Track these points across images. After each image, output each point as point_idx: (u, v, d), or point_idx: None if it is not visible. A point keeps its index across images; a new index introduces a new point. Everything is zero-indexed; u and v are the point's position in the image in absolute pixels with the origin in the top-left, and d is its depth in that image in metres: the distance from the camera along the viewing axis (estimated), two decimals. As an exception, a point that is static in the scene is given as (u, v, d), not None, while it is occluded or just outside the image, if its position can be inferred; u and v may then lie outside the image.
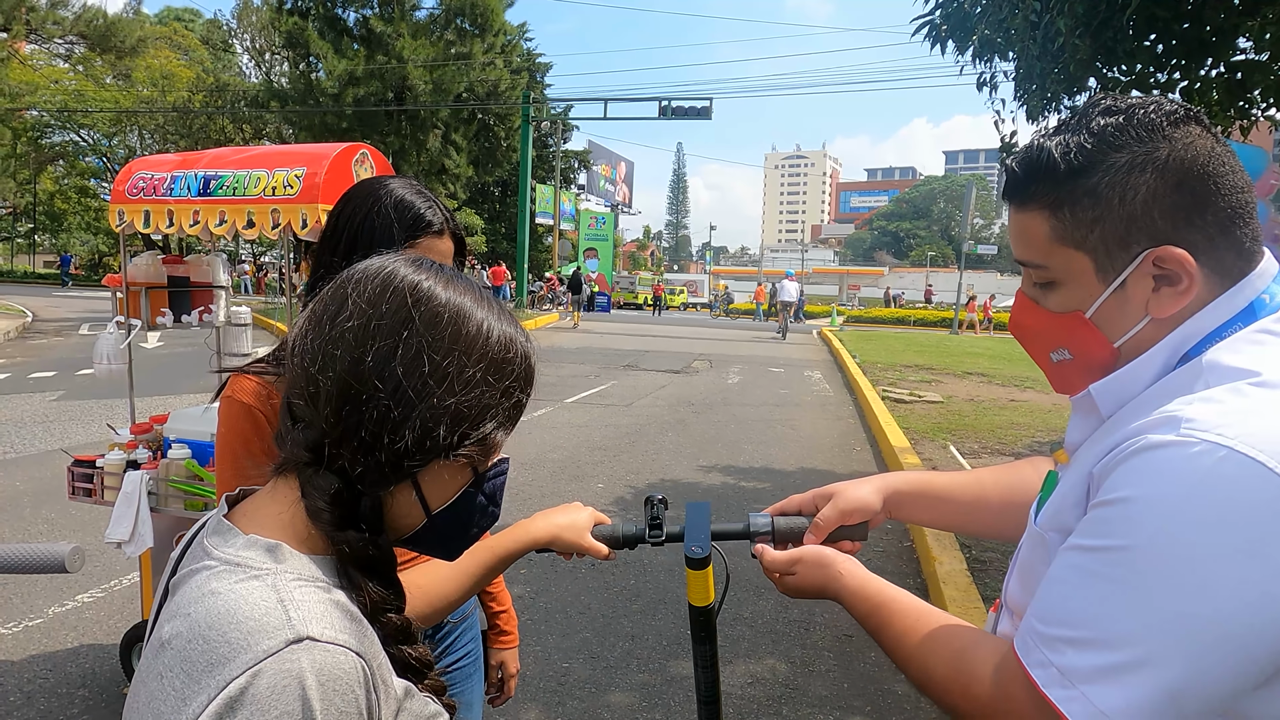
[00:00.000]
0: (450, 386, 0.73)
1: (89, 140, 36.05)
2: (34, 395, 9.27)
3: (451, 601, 1.08)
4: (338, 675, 0.65)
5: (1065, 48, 4.77)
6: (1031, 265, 0.88)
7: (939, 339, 23.82)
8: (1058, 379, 0.95)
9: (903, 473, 1.22)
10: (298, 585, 0.69)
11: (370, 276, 0.76)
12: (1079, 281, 0.85)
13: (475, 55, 30.83)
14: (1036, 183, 0.85)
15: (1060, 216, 0.83)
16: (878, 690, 3.37)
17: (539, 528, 1.13)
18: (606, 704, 3.19)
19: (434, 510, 0.78)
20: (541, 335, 19.65)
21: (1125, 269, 0.82)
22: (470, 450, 0.76)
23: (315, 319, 0.75)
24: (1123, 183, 0.80)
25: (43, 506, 5.27)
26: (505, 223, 38.68)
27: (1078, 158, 0.82)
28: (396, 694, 0.73)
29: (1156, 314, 0.83)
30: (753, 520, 1.15)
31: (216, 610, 0.66)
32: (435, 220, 1.44)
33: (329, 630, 0.66)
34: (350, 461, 0.72)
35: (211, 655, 0.63)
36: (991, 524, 1.19)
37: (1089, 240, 0.83)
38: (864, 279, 71.48)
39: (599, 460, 7.06)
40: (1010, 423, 9.06)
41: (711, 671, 1.17)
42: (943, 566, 4.34)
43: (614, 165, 44.78)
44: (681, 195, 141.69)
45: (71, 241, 41.42)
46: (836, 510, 1.14)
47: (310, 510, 0.73)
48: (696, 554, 1.10)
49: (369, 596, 0.74)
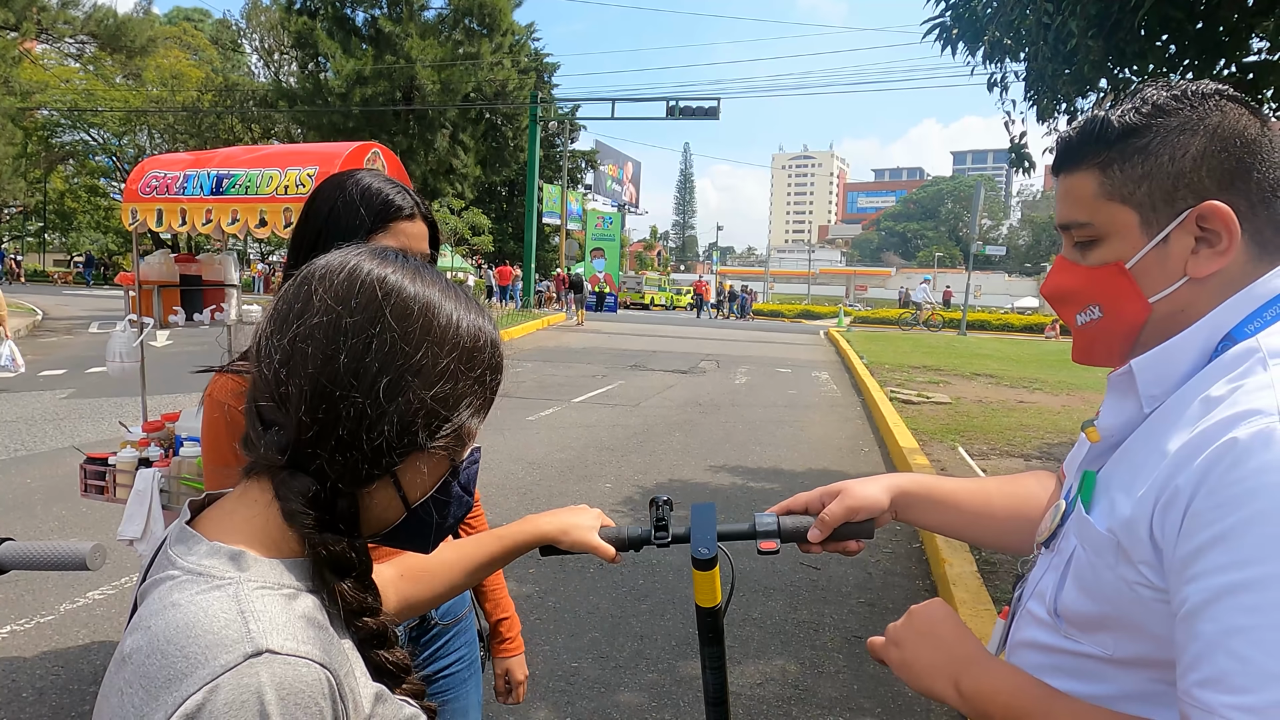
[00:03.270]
0: (425, 379, 0.73)
1: (99, 140, 36.26)
2: (44, 393, 9.32)
3: (455, 586, 1.08)
4: (299, 688, 0.63)
5: (1077, 49, 4.74)
6: (1075, 225, 0.89)
7: (947, 340, 23.76)
8: (1083, 344, 0.94)
9: (910, 474, 1.21)
10: (260, 594, 0.67)
11: (335, 271, 0.74)
12: (1122, 235, 0.86)
13: (483, 55, 30.89)
14: (1089, 145, 0.87)
15: (1110, 173, 0.85)
16: (888, 692, 3.36)
17: (547, 523, 1.13)
18: (616, 704, 3.19)
19: (413, 504, 0.78)
20: (548, 335, 19.67)
21: (1169, 224, 0.83)
22: (447, 441, 0.76)
23: (279, 318, 0.74)
24: (1173, 142, 0.83)
25: (54, 504, 5.30)
26: (512, 222, 38.77)
27: (1130, 118, 0.85)
28: (366, 703, 0.72)
29: (1194, 273, 0.83)
30: (758, 520, 1.14)
31: (175, 623, 0.65)
32: (404, 204, 1.41)
33: (290, 642, 0.65)
34: (328, 462, 0.71)
35: (169, 670, 0.63)
36: (996, 535, 1.18)
37: (1136, 194, 0.84)
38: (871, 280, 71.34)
39: (606, 460, 7.06)
40: (1019, 424, 9.02)
41: (719, 673, 1.17)
42: (952, 569, 4.33)
43: (621, 165, 44.78)
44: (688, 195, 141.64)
45: (81, 240, 41.67)
46: (843, 507, 1.12)
47: (286, 513, 0.72)
48: (703, 555, 1.09)
49: (345, 600, 0.73)
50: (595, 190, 42.57)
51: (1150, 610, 0.79)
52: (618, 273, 36.39)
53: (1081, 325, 0.92)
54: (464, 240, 35.08)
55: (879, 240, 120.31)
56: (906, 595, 4.39)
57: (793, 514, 1.19)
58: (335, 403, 0.70)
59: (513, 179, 38.34)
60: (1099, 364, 0.94)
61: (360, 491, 0.75)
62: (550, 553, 1.16)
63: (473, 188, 34.98)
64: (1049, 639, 0.91)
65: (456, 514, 0.83)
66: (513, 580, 4.29)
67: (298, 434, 0.71)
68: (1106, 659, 0.85)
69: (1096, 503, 0.88)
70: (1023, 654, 0.95)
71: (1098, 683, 0.85)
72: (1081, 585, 0.86)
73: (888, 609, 4.20)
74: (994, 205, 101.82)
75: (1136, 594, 0.80)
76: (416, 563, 1.09)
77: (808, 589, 4.39)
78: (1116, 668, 0.84)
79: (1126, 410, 0.89)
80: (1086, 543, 0.87)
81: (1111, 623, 0.83)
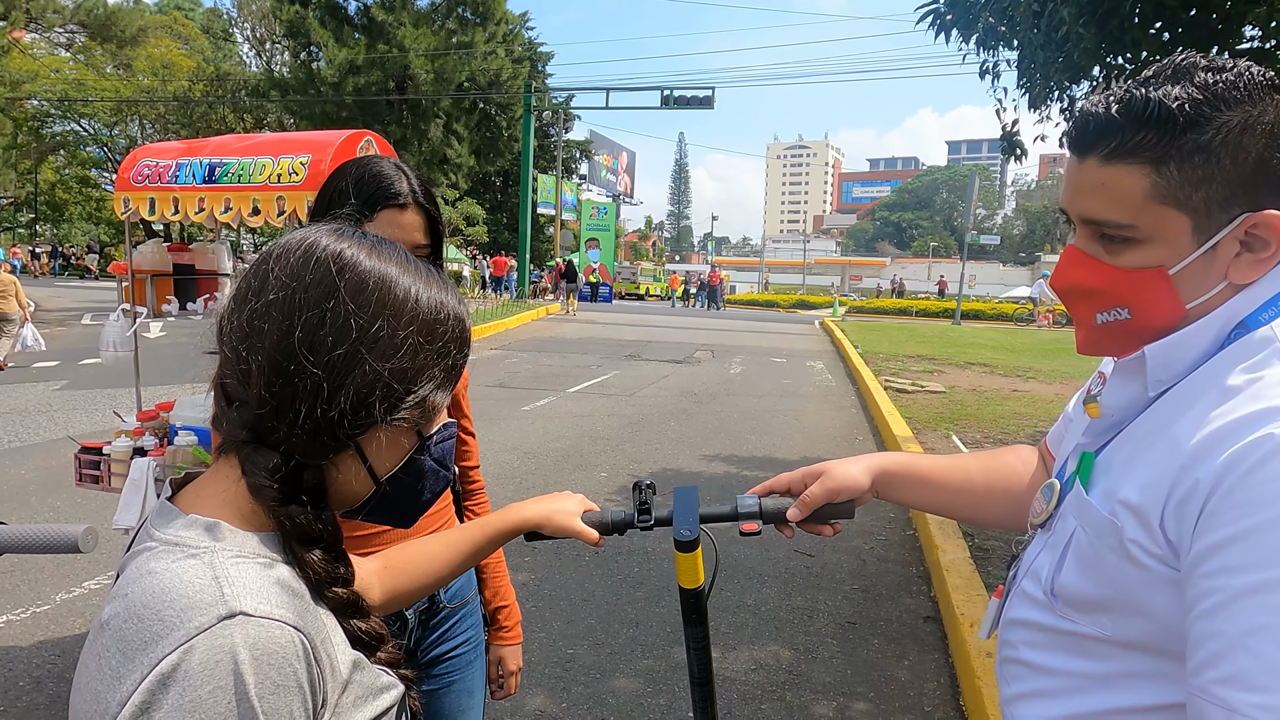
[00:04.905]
0: (382, 352, 0.74)
1: (89, 130, 35.99)
2: (38, 385, 9.29)
3: (441, 577, 1.09)
4: (273, 650, 0.65)
5: (1069, 36, 4.75)
6: (1113, 224, 0.81)
7: (942, 329, 23.80)
8: (1093, 339, 0.89)
9: (891, 453, 1.21)
10: (235, 562, 0.69)
11: (291, 249, 0.76)
12: (1170, 240, 0.80)
13: (477, 44, 30.72)
14: (1141, 132, 0.78)
15: (1165, 173, 0.78)
16: (881, 676, 3.39)
17: (531, 510, 1.14)
18: (611, 689, 3.21)
19: (382, 477, 0.79)
20: (543, 326, 19.65)
21: (1221, 231, 0.79)
22: (410, 414, 0.77)
23: (239, 297, 0.76)
24: (1236, 143, 0.76)
25: (49, 495, 5.29)
26: (507, 213, 38.66)
27: (1193, 110, 0.76)
28: (343, 667, 0.73)
29: (1236, 279, 0.80)
30: (740, 502, 1.16)
31: (151, 590, 0.66)
32: (398, 191, 1.38)
33: (264, 605, 0.67)
34: (288, 435, 0.73)
35: (145, 633, 0.64)
36: (977, 510, 1.19)
37: (1193, 199, 0.78)
38: (866, 269, 71.38)
39: (601, 450, 7.07)
40: (1013, 413, 9.06)
41: (703, 654, 1.18)
42: (946, 555, 4.36)
43: (616, 155, 44.62)
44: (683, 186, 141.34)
45: (73, 232, 41.39)
46: (824, 488, 1.13)
47: (252, 487, 0.73)
48: (685, 536, 1.10)
49: (314, 570, 0.74)
50: (590, 180, 42.42)
51: (1156, 594, 0.79)
52: (612, 263, 36.32)
53: (1102, 324, 0.87)
54: (459, 231, 34.99)
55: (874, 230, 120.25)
56: (900, 582, 4.42)
57: (775, 495, 1.20)
58: (291, 377, 0.72)
59: (507, 169, 38.19)
60: (1106, 355, 0.91)
61: (325, 464, 0.76)
62: (535, 538, 1.16)
63: (467, 178, 34.86)
64: (1044, 618, 0.91)
65: (434, 488, 0.85)
66: (509, 568, 4.30)
67: (259, 409, 0.73)
68: (1103, 639, 0.85)
69: (1096, 484, 0.87)
70: (1017, 632, 0.96)
71: (1098, 660, 0.85)
72: (1083, 567, 0.86)
73: (881, 595, 4.23)
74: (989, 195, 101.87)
75: (1143, 576, 0.79)
76: (400, 554, 1.09)
77: (802, 576, 4.42)
78: (1113, 647, 0.84)
79: (1130, 391, 0.87)
80: (1087, 525, 0.86)
81: (1112, 604, 0.83)
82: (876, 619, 3.95)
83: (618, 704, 3.11)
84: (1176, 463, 0.76)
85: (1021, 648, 0.94)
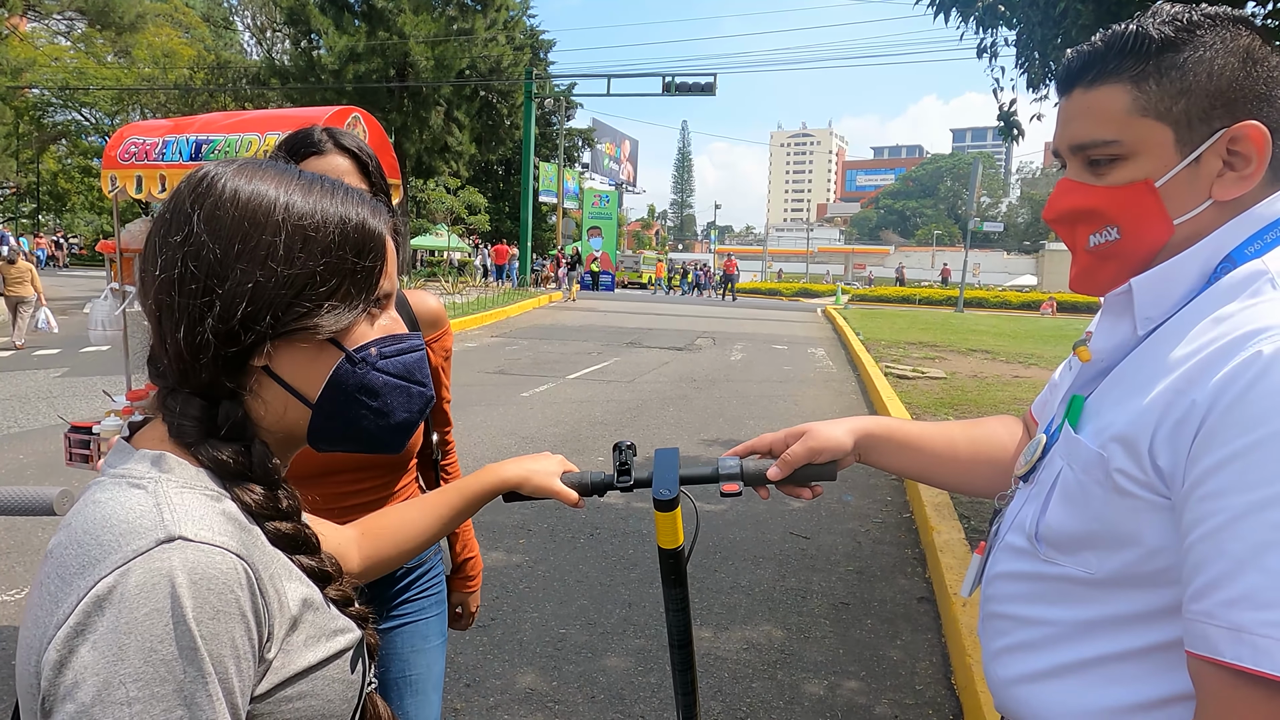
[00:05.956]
0: (248, 263, 0.72)
1: (91, 119, 35.94)
2: (38, 372, 9.31)
3: (422, 541, 1.08)
4: (212, 575, 0.65)
5: (1067, 13, 4.69)
6: (1098, 143, 0.85)
7: (944, 317, 23.73)
8: (1088, 268, 0.90)
9: (876, 417, 1.20)
10: (180, 491, 0.69)
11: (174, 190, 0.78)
12: (1155, 153, 0.83)
13: (478, 31, 30.57)
14: (1121, 56, 0.84)
15: (1145, 88, 0.82)
16: (873, 656, 3.38)
17: (509, 470, 1.12)
18: (602, 668, 3.21)
19: (311, 398, 0.77)
20: (544, 313, 19.64)
21: (1204, 143, 0.82)
22: (311, 323, 0.74)
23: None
24: (1210, 60, 0.81)
25: (46, 479, 5.30)
26: (509, 201, 38.57)
27: (1170, 31, 0.82)
28: (292, 604, 0.73)
29: (1220, 196, 0.82)
30: (721, 463, 1.15)
31: (93, 517, 0.67)
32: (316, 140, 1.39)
33: (205, 531, 0.67)
34: (190, 369, 0.73)
35: (84, 558, 0.65)
36: (960, 477, 1.18)
37: (1173, 111, 0.82)
38: (870, 258, 71.16)
39: (600, 435, 7.07)
40: (1013, 398, 9.03)
41: (683, 615, 1.17)
42: (940, 535, 4.35)
43: (618, 143, 44.45)
44: (686, 174, 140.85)
45: (76, 222, 41.42)
46: (805, 447, 1.12)
47: (172, 429, 0.73)
48: (664, 496, 1.10)
49: (245, 503, 0.74)
50: (592, 169, 42.31)
51: (1144, 523, 0.78)
52: (615, 252, 36.24)
53: (1094, 247, 0.88)
54: (460, 219, 34.94)
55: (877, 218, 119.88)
56: (895, 563, 4.41)
57: (756, 454, 1.19)
58: (168, 311, 0.72)
59: (509, 157, 38.07)
60: (1100, 290, 0.91)
61: (247, 398, 0.76)
62: (513, 499, 1.15)
63: (468, 166, 34.77)
64: (1027, 566, 0.90)
65: (406, 406, 0.82)
66: (503, 550, 4.31)
67: (161, 349, 0.74)
68: (1086, 580, 0.83)
69: (1085, 424, 0.86)
70: (1000, 585, 0.95)
71: (1080, 605, 0.85)
72: (1070, 503, 0.85)
73: (875, 576, 4.22)
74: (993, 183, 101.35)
75: (1129, 506, 0.78)
76: (378, 520, 1.08)
77: (797, 557, 4.42)
78: (1097, 589, 0.83)
79: (1120, 332, 0.87)
80: (1075, 462, 0.85)
81: (1097, 539, 0.82)
82: (870, 600, 3.94)
83: (608, 682, 3.11)
84: (1169, 389, 0.76)
85: (1005, 601, 0.93)
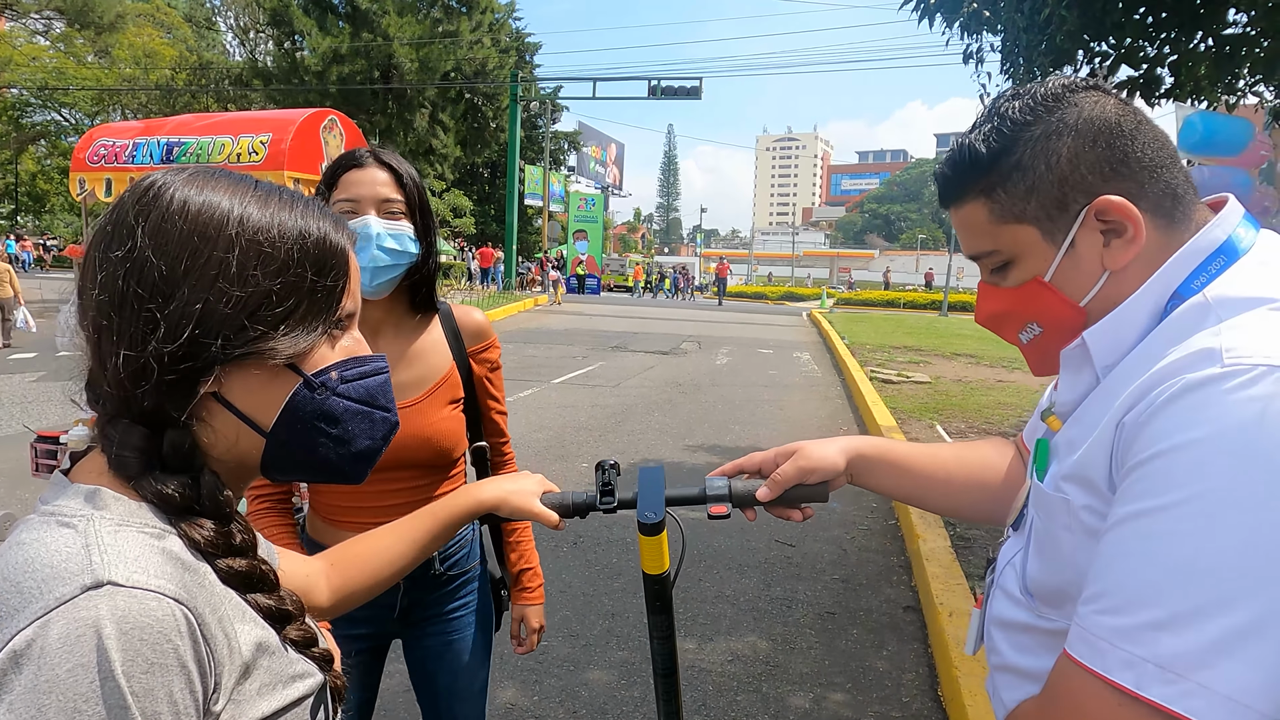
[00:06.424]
0: (195, 282, 0.67)
1: (71, 120, 35.52)
2: (14, 376, 9.14)
3: (397, 569, 1.02)
4: (145, 623, 0.59)
5: (1051, 19, 4.70)
6: (982, 255, 0.90)
7: (928, 321, 23.83)
8: (1035, 359, 0.93)
9: (867, 437, 1.18)
10: (114, 530, 0.63)
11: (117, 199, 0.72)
12: (1031, 252, 0.85)
13: (463, 33, 30.49)
14: (965, 176, 0.87)
15: (995, 197, 0.85)
16: (859, 667, 3.35)
17: (486, 491, 1.07)
18: (585, 682, 3.15)
19: (266, 426, 0.71)
20: (529, 317, 19.55)
21: (1070, 229, 0.83)
22: (267, 347, 0.69)
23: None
24: (1044, 150, 0.82)
25: (18, 487, 5.18)
26: (494, 204, 38.44)
27: (996, 140, 0.84)
28: (244, 649, 0.67)
29: (1112, 266, 0.82)
30: (709, 484, 1.10)
31: (15, 561, 0.61)
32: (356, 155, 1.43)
33: (139, 574, 0.60)
34: (122, 397, 0.67)
35: (2, 608, 0.58)
36: (952, 501, 1.15)
37: (1028, 211, 0.84)
38: (854, 262, 71.45)
39: (584, 440, 7.01)
40: (998, 403, 9.05)
41: (668, 642, 1.12)
42: (926, 544, 4.32)
43: (604, 147, 44.41)
44: (672, 177, 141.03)
45: (55, 223, 40.88)
46: (796, 467, 1.09)
47: (113, 461, 0.67)
48: (650, 519, 1.05)
49: (193, 539, 0.68)
50: (578, 172, 42.22)
51: None
52: (601, 255, 36.16)
53: (1027, 343, 0.91)
54: (446, 222, 34.77)
55: (862, 222, 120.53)
56: (881, 571, 4.38)
57: (745, 473, 1.15)
58: (106, 332, 0.66)
59: (494, 160, 37.95)
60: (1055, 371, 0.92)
61: (196, 426, 0.70)
62: (491, 520, 1.10)
63: (453, 169, 34.63)
64: (1024, 617, 0.87)
65: (370, 432, 0.77)
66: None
67: (100, 374, 0.68)
68: None
69: (1049, 470, 0.86)
70: (1002, 636, 0.91)
71: None
72: (1042, 554, 0.84)
73: (861, 585, 4.19)
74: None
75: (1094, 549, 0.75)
76: (347, 550, 1.03)
77: (782, 565, 4.37)
78: None
79: (1083, 383, 0.86)
80: (1040, 509, 0.85)
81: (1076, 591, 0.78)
82: (856, 609, 3.91)
83: (590, 696, 3.05)
84: (1114, 419, 0.76)
85: (1007, 652, 0.90)
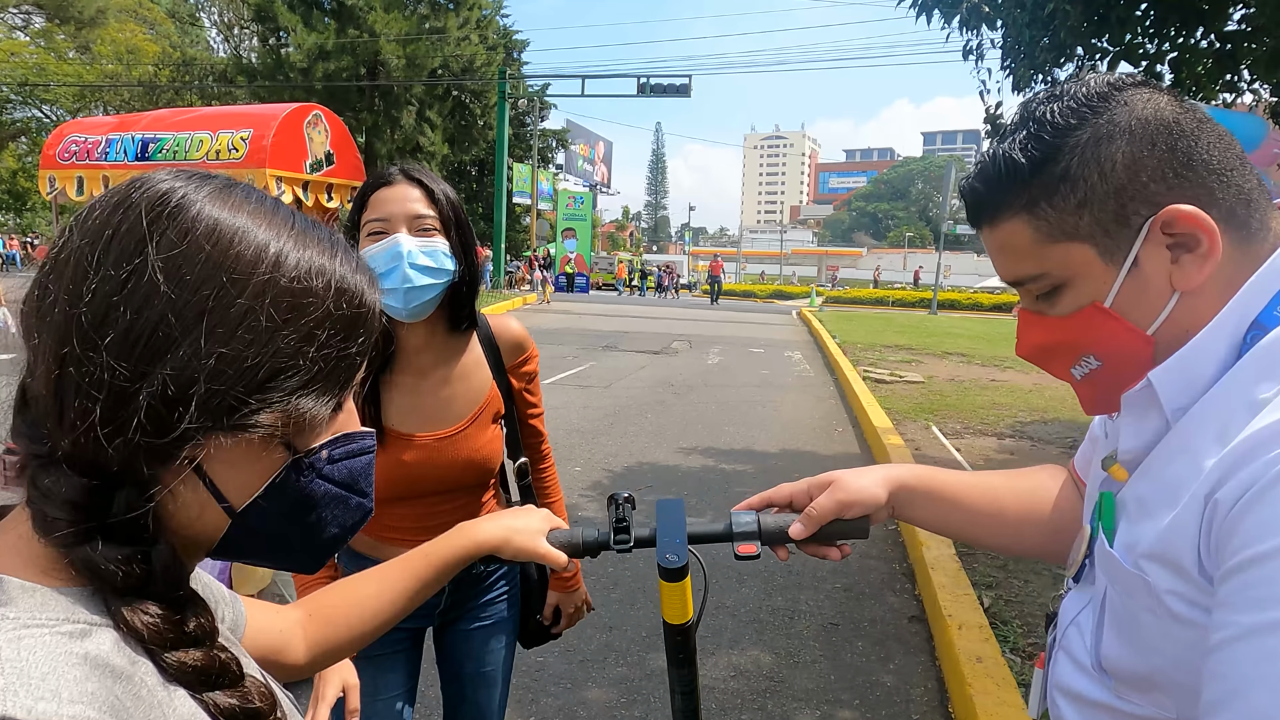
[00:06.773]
0: (211, 331, 0.53)
1: (52, 117, 34.99)
2: (-12, 378, 8.93)
3: (381, 622, 0.90)
4: None
5: (1055, 14, 4.61)
6: (1026, 279, 0.77)
7: (919, 319, 23.84)
8: (1091, 397, 0.80)
9: (910, 466, 1.06)
10: (20, 635, 0.49)
11: (110, 193, 0.56)
12: (1086, 274, 0.73)
13: (450, 30, 30.21)
14: (1002, 190, 0.75)
15: (1039, 213, 0.73)
16: (866, 682, 3.24)
17: (486, 531, 0.95)
18: (583, 700, 3.03)
19: (238, 506, 0.58)
20: (519, 315, 19.35)
21: (1133, 244, 0.71)
22: (268, 420, 0.56)
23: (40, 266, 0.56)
24: (1095, 156, 0.71)
25: (-10, 495, 5.01)
26: (483, 202, 38.15)
27: (1036, 148, 0.72)
28: None
29: (1184, 286, 0.70)
30: (735, 519, 0.97)
31: None
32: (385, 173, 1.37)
33: (46, 703, 0.47)
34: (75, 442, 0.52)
35: None
36: (1008, 537, 1.04)
37: (1081, 227, 0.72)
38: (843, 260, 71.54)
39: (576, 443, 6.89)
40: (992, 403, 8.99)
41: (691, 698, 1.00)
42: (930, 551, 4.22)
43: (592, 145, 44.24)
44: (661, 176, 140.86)
45: (37, 221, 40.29)
46: (834, 501, 0.97)
47: (38, 520, 0.53)
48: (672, 564, 0.92)
49: (135, 630, 0.54)
50: (566, 170, 42.02)
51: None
52: (589, 253, 35.98)
53: (1082, 379, 0.78)
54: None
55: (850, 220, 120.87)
56: (883, 579, 4.28)
57: (774, 506, 1.03)
58: (76, 364, 0.51)
59: (482, 158, 37.67)
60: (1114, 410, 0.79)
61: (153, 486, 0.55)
62: (493, 563, 0.98)
63: (441, 167, 34.32)
64: (1099, 695, 0.75)
65: (341, 520, 0.64)
66: (476, 570, 4.11)
67: (52, 412, 0.52)
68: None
69: (1118, 531, 0.74)
70: (1071, 708, 0.79)
71: None
72: (1121, 635, 0.72)
73: (864, 594, 4.08)
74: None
75: (1195, 637, 0.64)
76: (326, 599, 0.90)
77: (782, 574, 4.27)
78: None
79: (1150, 428, 0.74)
80: (1116, 582, 0.72)
81: (1165, 680, 0.68)
82: (860, 619, 3.80)
83: (589, 716, 2.93)
84: (1201, 490, 0.64)
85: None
